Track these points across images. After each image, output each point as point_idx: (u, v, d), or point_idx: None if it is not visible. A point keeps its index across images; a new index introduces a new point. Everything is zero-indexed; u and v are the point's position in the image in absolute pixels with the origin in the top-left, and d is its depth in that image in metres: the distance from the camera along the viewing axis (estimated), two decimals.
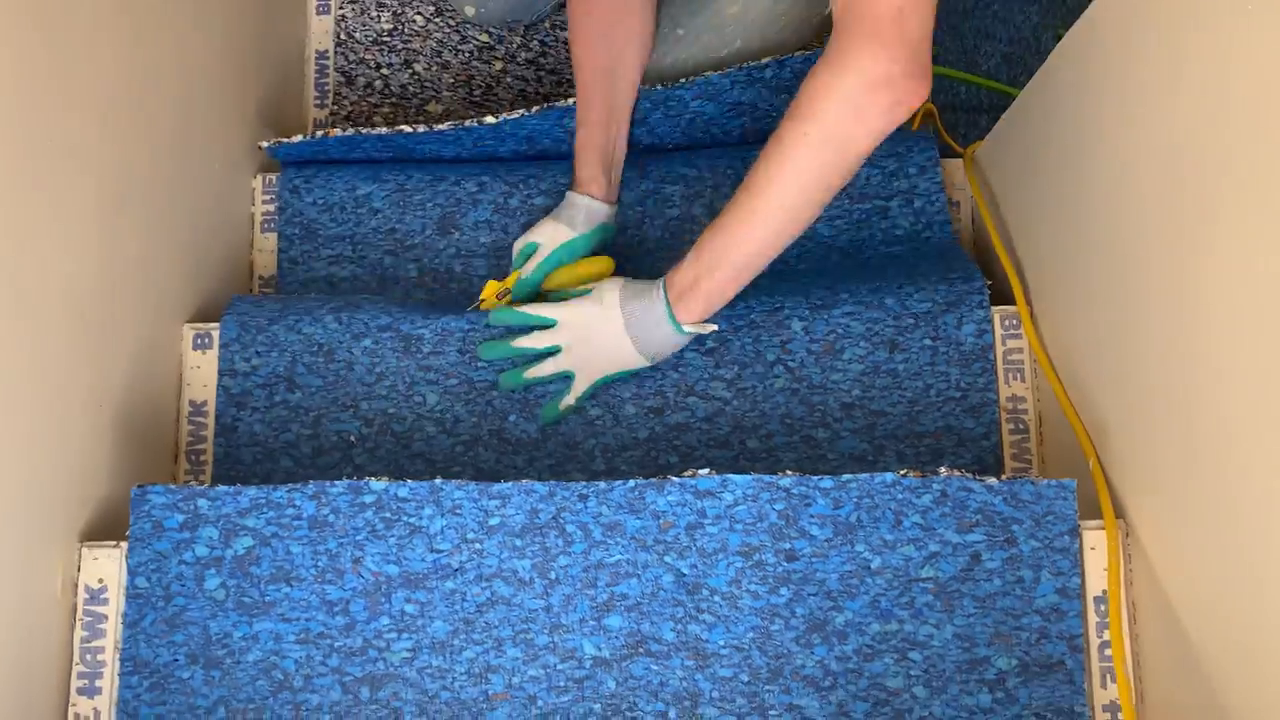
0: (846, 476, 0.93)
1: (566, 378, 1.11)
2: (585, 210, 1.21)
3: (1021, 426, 1.12)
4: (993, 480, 0.93)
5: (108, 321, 1.01)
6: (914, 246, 1.27)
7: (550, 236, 1.21)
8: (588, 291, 1.10)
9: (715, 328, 1.06)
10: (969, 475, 0.93)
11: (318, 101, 1.56)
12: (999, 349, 1.14)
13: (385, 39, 1.56)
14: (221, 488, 0.95)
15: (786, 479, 0.93)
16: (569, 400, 1.11)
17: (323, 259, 1.32)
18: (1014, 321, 1.14)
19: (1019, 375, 1.13)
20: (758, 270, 1.02)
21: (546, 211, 1.29)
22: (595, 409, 1.14)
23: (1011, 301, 1.15)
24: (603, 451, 1.13)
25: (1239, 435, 0.76)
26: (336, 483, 0.95)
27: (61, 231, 0.92)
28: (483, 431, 1.14)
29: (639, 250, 1.29)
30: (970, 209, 1.34)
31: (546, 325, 1.10)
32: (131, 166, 1.05)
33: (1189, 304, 0.83)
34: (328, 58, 1.57)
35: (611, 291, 1.08)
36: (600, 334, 1.08)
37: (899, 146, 1.30)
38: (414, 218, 1.32)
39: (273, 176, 1.36)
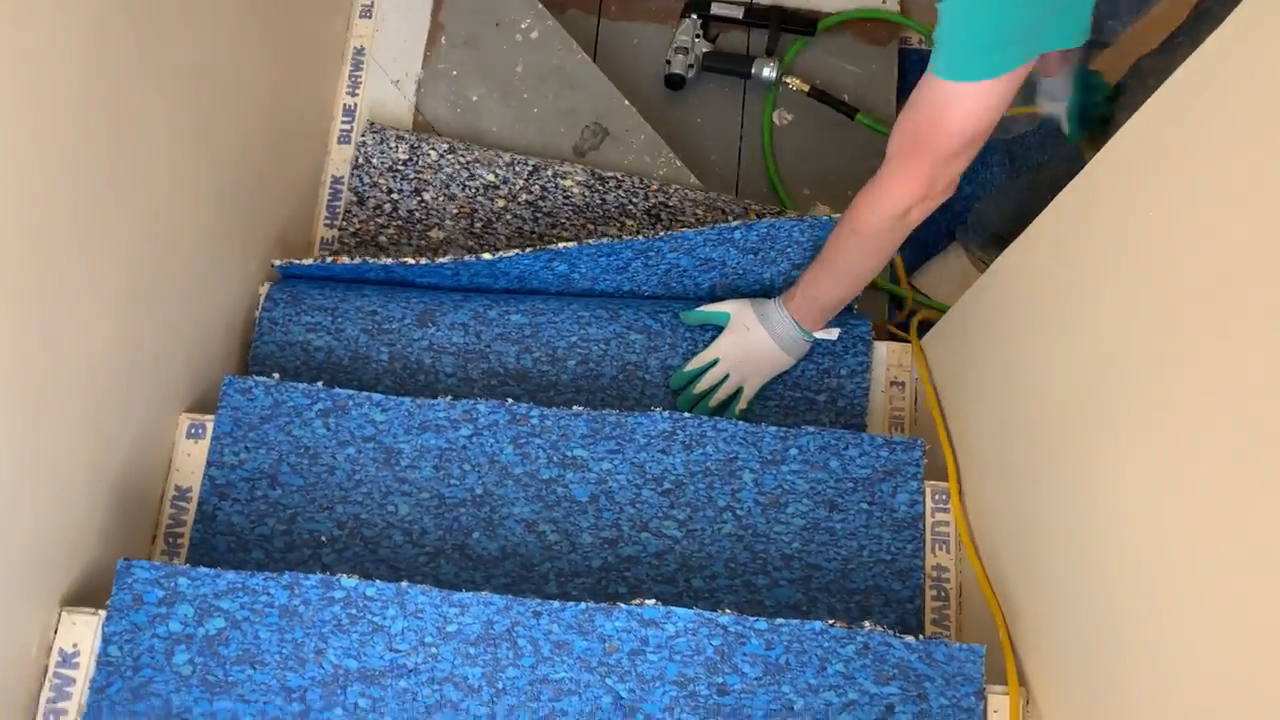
0: (780, 620, 1.02)
1: (737, 393, 1.38)
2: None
3: (943, 594, 1.22)
4: (911, 639, 1.02)
5: (119, 404, 1.09)
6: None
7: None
8: (722, 316, 1.38)
9: (837, 333, 1.37)
10: (890, 632, 1.02)
11: (328, 222, 1.68)
12: (929, 520, 1.24)
13: (399, 167, 1.69)
14: (202, 569, 1.02)
15: (726, 617, 1.02)
16: (741, 405, 1.37)
17: (301, 324, 1.40)
18: (944, 496, 1.25)
19: (945, 546, 1.24)
20: (845, 302, 1.32)
21: (522, 329, 1.40)
22: (554, 535, 1.22)
23: (944, 477, 1.27)
24: (556, 575, 1.21)
25: (1128, 624, 0.87)
26: (310, 575, 1.02)
27: (94, 315, 1.01)
28: (447, 545, 1.21)
29: (594, 385, 1.39)
30: (913, 392, 1.46)
31: (712, 365, 1.38)
32: (164, 266, 1.15)
33: (1088, 499, 0.94)
34: (342, 182, 1.70)
35: (746, 313, 1.38)
36: (755, 351, 1.37)
37: (835, 347, 1.42)
38: (397, 306, 1.41)
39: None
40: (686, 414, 1.27)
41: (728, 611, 1.02)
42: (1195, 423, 0.79)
